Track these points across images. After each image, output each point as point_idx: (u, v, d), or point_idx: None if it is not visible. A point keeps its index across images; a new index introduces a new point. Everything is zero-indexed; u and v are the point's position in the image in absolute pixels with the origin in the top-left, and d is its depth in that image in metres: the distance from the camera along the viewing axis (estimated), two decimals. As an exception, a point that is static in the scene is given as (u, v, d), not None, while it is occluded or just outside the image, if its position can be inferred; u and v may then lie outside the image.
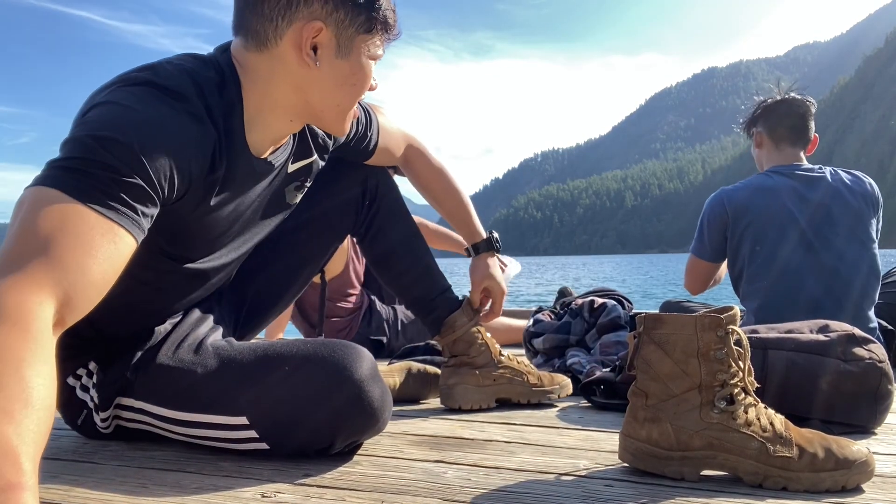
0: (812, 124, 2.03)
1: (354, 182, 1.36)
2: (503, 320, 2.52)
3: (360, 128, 1.30)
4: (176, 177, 0.90)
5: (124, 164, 0.82)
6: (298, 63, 0.98)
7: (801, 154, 2.02)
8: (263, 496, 0.88)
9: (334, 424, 1.01)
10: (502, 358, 1.48)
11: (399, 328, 2.41)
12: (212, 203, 1.01)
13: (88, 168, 0.80)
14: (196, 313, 1.18)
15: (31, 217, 0.75)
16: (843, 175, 1.94)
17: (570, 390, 1.54)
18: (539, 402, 1.49)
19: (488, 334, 1.49)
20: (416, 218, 2.60)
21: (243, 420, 1.02)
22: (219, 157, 0.97)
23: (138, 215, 0.83)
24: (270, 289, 1.36)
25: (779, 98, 2.07)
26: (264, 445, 1.04)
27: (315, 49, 0.98)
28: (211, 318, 1.19)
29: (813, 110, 2.06)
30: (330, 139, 1.23)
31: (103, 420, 1.10)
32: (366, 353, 1.06)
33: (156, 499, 0.87)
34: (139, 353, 1.08)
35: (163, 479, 0.96)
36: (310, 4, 0.96)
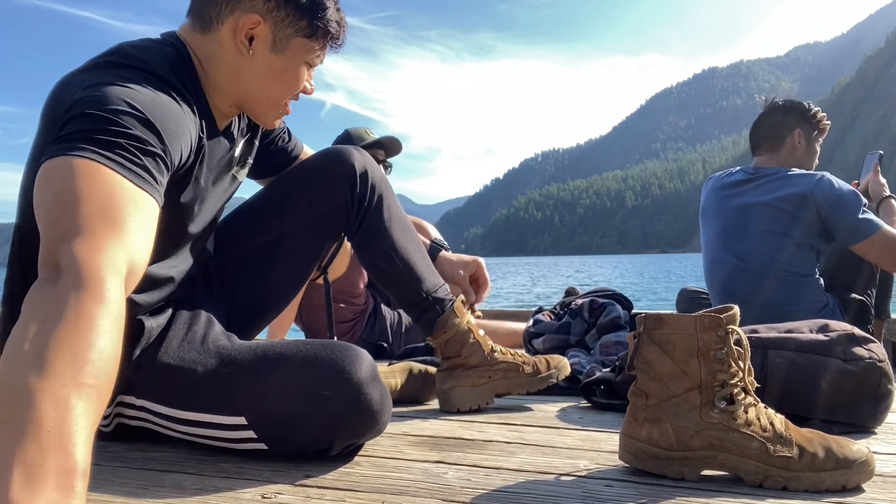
0: (768, 130, 2.22)
1: (344, 181, 1.35)
2: (504, 323, 2.52)
3: (282, 133, 1.41)
4: (182, 149, 0.95)
5: (147, 136, 0.85)
6: (234, 49, 1.08)
7: (765, 157, 2.21)
8: (263, 497, 0.88)
9: (333, 426, 1.01)
10: (495, 354, 1.46)
11: (402, 332, 2.41)
12: (194, 175, 1.06)
13: (119, 139, 0.81)
14: (185, 312, 1.17)
15: (83, 186, 0.75)
16: (787, 179, 2.10)
17: (568, 370, 1.53)
18: (539, 389, 1.48)
19: (481, 331, 1.48)
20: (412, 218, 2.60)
21: (241, 420, 1.02)
22: (202, 131, 1.05)
23: (160, 186, 0.86)
24: (262, 291, 1.35)
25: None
26: (262, 446, 1.04)
27: (251, 40, 1.08)
28: (203, 313, 1.17)
29: (774, 117, 2.22)
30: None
31: (105, 417, 1.10)
32: (365, 355, 1.05)
33: (156, 500, 0.87)
34: (138, 351, 1.08)
35: (163, 480, 0.96)
36: None
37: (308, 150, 1.49)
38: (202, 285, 1.28)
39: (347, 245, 2.20)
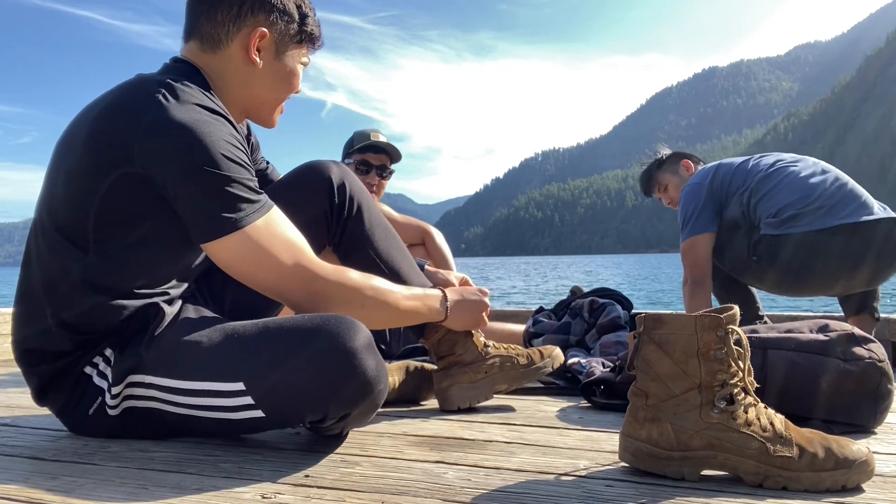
0: (646, 185, 2.82)
1: (322, 191, 1.39)
2: (504, 325, 2.52)
3: (263, 158, 1.56)
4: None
5: (250, 172, 1.11)
6: (244, 61, 1.22)
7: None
8: (263, 497, 0.88)
9: (327, 392, 1.03)
10: (489, 349, 1.48)
11: (400, 333, 2.40)
12: None
13: (243, 193, 1.08)
14: (192, 305, 1.23)
15: (263, 244, 1.10)
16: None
17: (562, 358, 1.55)
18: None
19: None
20: (385, 209, 2.61)
21: (240, 386, 1.05)
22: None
23: (264, 194, 1.14)
24: (247, 301, 1.34)
25: None
26: (260, 413, 1.05)
27: (259, 51, 1.23)
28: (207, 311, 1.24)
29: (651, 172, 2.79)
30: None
31: (114, 397, 1.11)
32: (362, 326, 1.08)
33: (156, 500, 0.87)
34: (152, 332, 1.12)
35: (163, 480, 0.96)
36: (255, 15, 1.21)
37: (280, 175, 1.56)
38: (199, 295, 1.32)
39: None
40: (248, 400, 1.05)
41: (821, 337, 1.30)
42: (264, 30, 1.21)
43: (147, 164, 1.05)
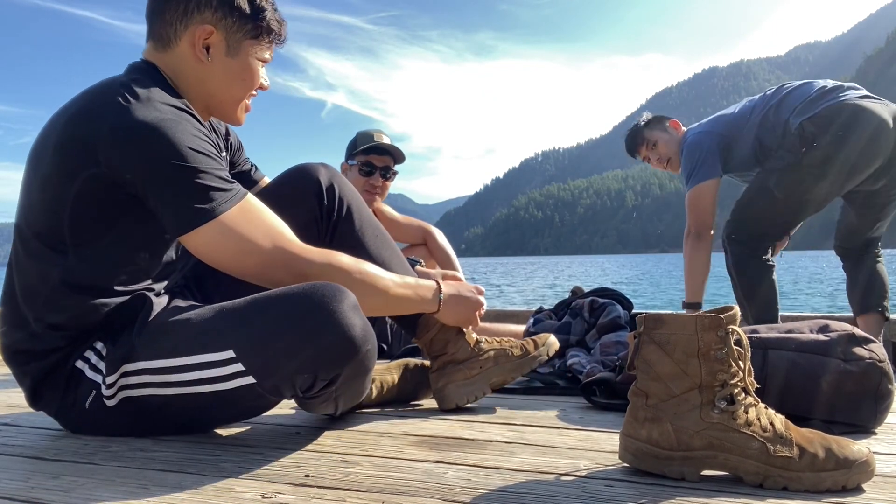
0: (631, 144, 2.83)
1: (311, 193, 1.40)
2: (504, 326, 2.52)
3: (247, 160, 1.53)
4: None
5: (218, 162, 1.12)
6: (194, 59, 1.22)
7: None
8: (264, 497, 0.88)
9: (313, 351, 1.05)
10: (481, 344, 1.48)
11: (402, 333, 2.41)
12: None
13: (212, 183, 1.09)
14: (181, 299, 1.26)
15: (241, 230, 1.11)
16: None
17: (557, 346, 1.55)
18: (532, 369, 1.49)
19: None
20: (385, 210, 2.60)
21: (230, 353, 1.06)
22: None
23: (236, 182, 1.15)
24: (238, 296, 1.36)
25: None
26: (251, 379, 1.07)
27: (208, 48, 1.22)
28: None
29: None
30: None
31: (109, 387, 1.12)
32: (348, 291, 1.10)
33: (156, 500, 0.87)
34: (141, 321, 1.13)
35: (163, 479, 0.96)
36: (202, 12, 1.20)
37: (267, 181, 1.55)
38: (187, 291, 1.33)
39: None
40: (239, 366, 1.06)
41: (821, 337, 1.30)
42: (210, 27, 1.20)
43: (113, 165, 1.06)
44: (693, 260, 2.32)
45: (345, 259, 1.22)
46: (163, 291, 1.24)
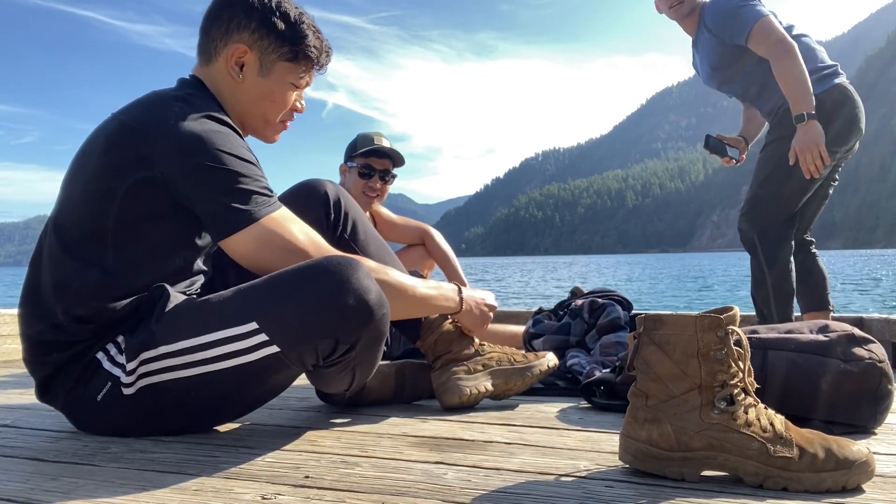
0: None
1: (319, 208, 1.45)
2: (504, 327, 2.51)
3: None
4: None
5: (259, 170, 1.20)
6: (228, 76, 1.29)
7: None
8: (263, 497, 0.88)
9: (334, 315, 1.10)
10: (484, 346, 1.52)
11: (401, 336, 2.40)
12: None
13: (255, 188, 1.17)
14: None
15: (281, 235, 1.19)
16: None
17: (556, 361, 1.57)
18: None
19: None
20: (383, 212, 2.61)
21: (253, 325, 1.10)
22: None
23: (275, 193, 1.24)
24: None
25: None
26: (275, 348, 1.10)
27: (242, 66, 1.28)
28: None
29: None
30: None
31: (129, 373, 1.13)
32: (363, 263, 1.19)
33: (156, 500, 0.87)
34: (157, 309, 1.16)
35: (163, 480, 0.96)
36: (241, 32, 1.27)
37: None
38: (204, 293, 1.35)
39: None
40: (263, 336, 1.10)
41: (821, 337, 1.30)
42: (244, 46, 1.27)
43: (164, 169, 1.14)
44: (794, 67, 2.27)
45: (371, 262, 1.29)
46: (185, 292, 1.27)
